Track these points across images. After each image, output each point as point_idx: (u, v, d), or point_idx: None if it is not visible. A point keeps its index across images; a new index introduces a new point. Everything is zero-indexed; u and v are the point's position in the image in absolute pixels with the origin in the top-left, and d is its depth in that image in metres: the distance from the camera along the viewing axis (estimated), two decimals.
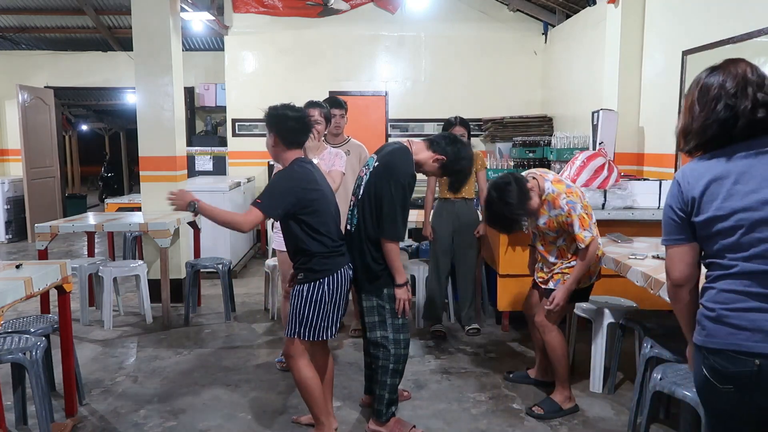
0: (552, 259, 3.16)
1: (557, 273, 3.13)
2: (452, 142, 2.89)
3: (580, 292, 3.17)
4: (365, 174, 2.87)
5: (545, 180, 3.08)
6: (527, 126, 7.83)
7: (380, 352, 2.90)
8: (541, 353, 3.49)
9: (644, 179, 4.51)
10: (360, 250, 2.83)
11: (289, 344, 2.75)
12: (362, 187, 2.85)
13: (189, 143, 7.88)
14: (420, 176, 2.85)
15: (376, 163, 2.84)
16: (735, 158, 1.57)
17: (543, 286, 3.24)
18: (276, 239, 3.80)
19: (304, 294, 2.69)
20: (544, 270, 3.23)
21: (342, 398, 3.39)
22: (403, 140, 2.94)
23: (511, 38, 8.22)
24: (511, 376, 3.63)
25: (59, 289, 2.98)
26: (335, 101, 4.29)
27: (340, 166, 3.70)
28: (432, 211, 4.44)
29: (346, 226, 2.95)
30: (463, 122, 4.31)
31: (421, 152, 2.89)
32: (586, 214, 3.01)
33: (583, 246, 2.98)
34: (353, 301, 4.57)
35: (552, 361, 3.23)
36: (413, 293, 5.05)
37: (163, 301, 4.75)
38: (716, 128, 1.57)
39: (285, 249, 3.06)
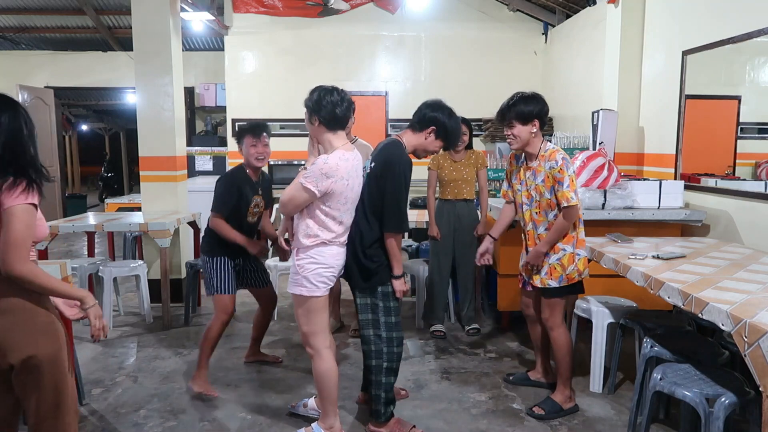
0: (541, 230, 3.13)
1: (546, 264, 3.10)
2: (431, 109, 2.91)
3: (575, 286, 3.16)
4: (364, 177, 2.87)
5: (548, 143, 3.12)
6: None
7: (373, 351, 2.91)
8: (542, 354, 3.49)
9: (644, 179, 4.52)
10: (353, 249, 2.85)
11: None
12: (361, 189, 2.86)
13: (189, 143, 7.88)
14: (420, 176, 2.84)
15: (372, 164, 2.84)
16: None
17: (532, 284, 3.22)
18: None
19: None
20: (529, 264, 3.19)
21: (342, 398, 3.38)
22: (393, 135, 2.98)
23: (511, 38, 8.22)
24: (511, 378, 3.62)
25: None
26: None
27: (302, 177, 2.69)
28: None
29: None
30: (465, 121, 4.29)
31: (412, 139, 2.92)
32: (574, 182, 3.00)
33: (566, 205, 2.96)
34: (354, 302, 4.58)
35: (556, 358, 3.23)
36: (413, 293, 5.06)
37: (163, 301, 4.75)
38: None
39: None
